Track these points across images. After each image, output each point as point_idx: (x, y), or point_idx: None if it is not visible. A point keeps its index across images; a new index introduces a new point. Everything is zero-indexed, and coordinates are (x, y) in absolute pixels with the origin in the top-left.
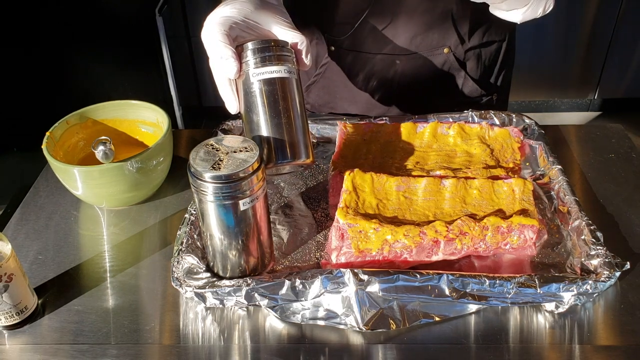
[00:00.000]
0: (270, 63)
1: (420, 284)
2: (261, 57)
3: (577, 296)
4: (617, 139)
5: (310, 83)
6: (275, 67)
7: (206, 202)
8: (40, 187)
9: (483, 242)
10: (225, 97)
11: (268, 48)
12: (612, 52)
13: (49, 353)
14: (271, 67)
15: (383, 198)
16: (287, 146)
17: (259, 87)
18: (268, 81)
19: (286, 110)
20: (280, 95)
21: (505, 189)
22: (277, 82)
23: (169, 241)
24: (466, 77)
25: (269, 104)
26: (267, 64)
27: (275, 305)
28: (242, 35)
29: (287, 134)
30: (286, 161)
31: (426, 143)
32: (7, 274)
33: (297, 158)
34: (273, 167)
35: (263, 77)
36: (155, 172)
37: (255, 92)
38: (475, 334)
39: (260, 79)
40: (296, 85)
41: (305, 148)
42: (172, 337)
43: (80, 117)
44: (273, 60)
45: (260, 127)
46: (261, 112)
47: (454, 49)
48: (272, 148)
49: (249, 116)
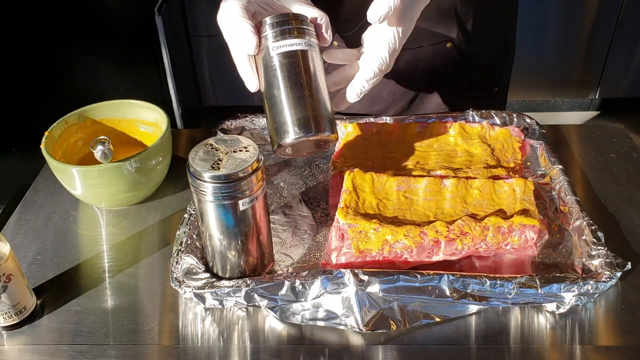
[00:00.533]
0: (291, 36)
1: (420, 285)
2: (281, 30)
3: (578, 296)
4: (618, 138)
5: None
6: (296, 39)
7: (205, 202)
8: (39, 187)
9: (484, 243)
10: (244, 75)
11: (287, 21)
12: (613, 51)
13: (47, 354)
14: (291, 39)
15: (383, 198)
16: (310, 119)
17: (279, 60)
18: (288, 54)
19: (308, 83)
20: (302, 68)
21: (506, 188)
22: (298, 55)
23: (168, 241)
24: (467, 71)
25: (289, 76)
26: (287, 36)
27: (275, 306)
28: (260, 11)
29: (310, 107)
30: (310, 135)
31: (427, 143)
32: (6, 274)
33: (321, 131)
34: (295, 141)
35: (283, 49)
36: (155, 172)
37: (275, 65)
38: (476, 334)
39: (280, 52)
40: (318, 59)
41: (329, 122)
42: (171, 338)
43: (79, 116)
44: (293, 32)
45: (281, 100)
46: (282, 85)
47: (457, 43)
48: (295, 121)
49: (270, 91)
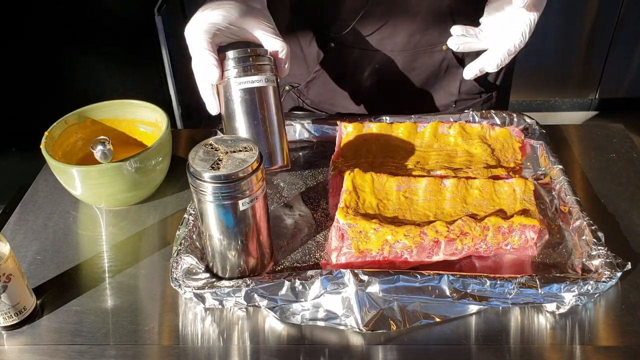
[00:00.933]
0: (251, 73)
1: (420, 285)
2: (242, 67)
3: (578, 297)
4: (618, 138)
5: (310, 79)
6: (255, 77)
7: (205, 202)
8: (39, 187)
9: (484, 243)
10: (206, 100)
11: (248, 58)
12: (613, 51)
13: (47, 354)
14: (251, 77)
15: (383, 198)
16: (266, 153)
17: (240, 95)
18: (248, 90)
19: (264, 118)
20: (259, 104)
21: (506, 189)
22: (256, 92)
23: (168, 241)
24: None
25: (248, 112)
26: (247, 73)
27: (275, 306)
28: (226, 40)
29: (265, 141)
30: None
31: (427, 143)
32: (6, 274)
33: (273, 164)
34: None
35: (244, 86)
36: (154, 172)
37: (236, 100)
38: (476, 334)
39: (241, 88)
40: (274, 93)
41: (281, 154)
42: (171, 338)
43: (79, 116)
44: (253, 70)
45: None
46: (242, 119)
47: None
48: None
49: (231, 123)
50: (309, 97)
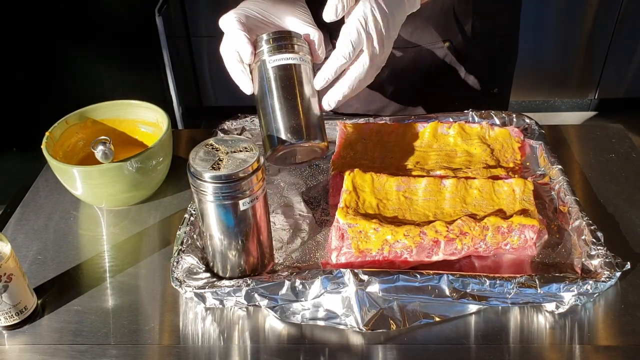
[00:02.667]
0: (285, 51)
1: (420, 284)
2: (276, 45)
3: (578, 296)
4: (618, 138)
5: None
6: (290, 54)
7: (206, 202)
8: (40, 187)
9: (483, 242)
10: (238, 80)
11: (283, 37)
12: (612, 51)
13: (48, 353)
14: (286, 54)
15: (383, 198)
16: (302, 127)
17: (274, 72)
18: (283, 67)
19: (301, 94)
20: (296, 80)
21: (505, 189)
22: (292, 68)
23: (169, 241)
24: (466, 72)
25: (284, 87)
26: (282, 51)
27: (275, 306)
28: (259, 26)
29: (303, 115)
30: (301, 141)
31: (426, 143)
32: (7, 274)
33: (312, 139)
34: (287, 148)
35: (278, 63)
36: (155, 172)
37: (270, 78)
38: (475, 334)
39: (275, 65)
40: (310, 73)
41: (320, 131)
42: (171, 338)
43: (79, 117)
44: (288, 48)
45: (275, 110)
46: (276, 95)
47: (454, 43)
48: (288, 129)
49: (264, 101)
50: None
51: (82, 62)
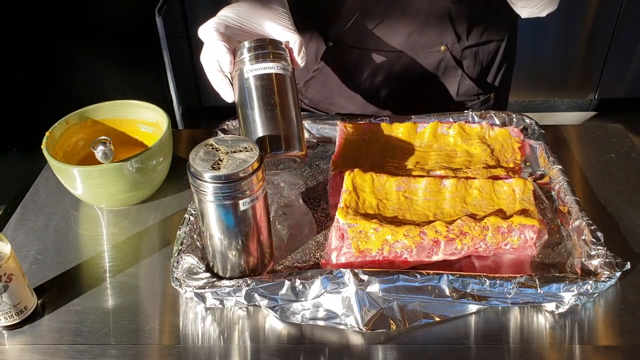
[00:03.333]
0: (265, 60)
1: (420, 284)
2: (255, 54)
3: (578, 296)
4: (618, 138)
5: (309, 78)
6: (270, 63)
7: (206, 202)
8: (40, 187)
9: (483, 242)
10: (219, 89)
11: (262, 46)
12: (612, 51)
13: (48, 353)
14: (265, 63)
15: (383, 198)
16: (281, 137)
17: (254, 82)
18: (262, 76)
19: (280, 104)
20: (275, 90)
21: (505, 189)
22: (272, 78)
23: (169, 241)
24: (463, 76)
25: (263, 97)
26: (260, 60)
27: (275, 306)
28: (238, 34)
29: (281, 126)
30: (280, 152)
31: (426, 143)
32: (7, 274)
33: (290, 149)
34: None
35: (257, 72)
36: (155, 172)
37: (250, 87)
38: (475, 334)
39: (255, 75)
40: (290, 82)
41: (298, 141)
42: (171, 338)
43: (79, 117)
44: (267, 57)
45: (254, 120)
46: (256, 105)
47: (450, 47)
48: (266, 139)
49: (244, 111)
50: (307, 96)
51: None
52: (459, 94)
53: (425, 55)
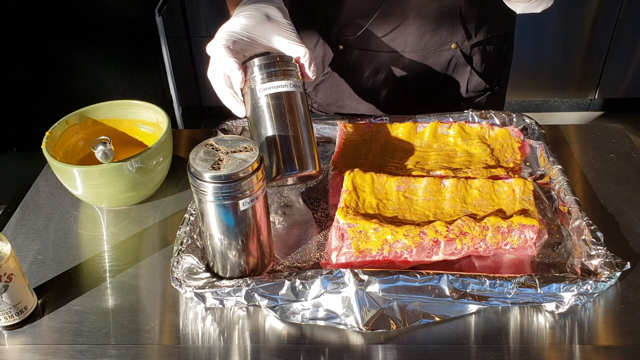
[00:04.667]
0: (277, 78)
1: (420, 284)
2: (267, 73)
3: (578, 296)
4: (618, 139)
5: (319, 82)
6: (282, 81)
7: (206, 202)
8: (40, 187)
9: (483, 242)
10: (230, 105)
11: (274, 64)
12: (613, 51)
13: (48, 353)
14: (277, 82)
15: (383, 198)
16: (294, 158)
17: (266, 101)
18: (275, 95)
19: (293, 123)
20: (287, 109)
21: (505, 188)
22: (284, 96)
23: (169, 241)
24: (472, 72)
25: (276, 117)
26: (273, 79)
27: (275, 306)
28: (246, 48)
29: (295, 146)
30: (294, 172)
31: (426, 143)
32: (7, 274)
33: (304, 169)
34: (281, 178)
35: (270, 91)
36: (155, 172)
37: (263, 106)
38: (475, 334)
39: (268, 94)
40: (302, 98)
41: (312, 159)
42: (171, 338)
43: (80, 117)
44: (279, 75)
45: (268, 140)
46: (269, 125)
47: (460, 45)
48: (281, 160)
49: (258, 130)
50: (317, 100)
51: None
52: (469, 91)
53: (436, 54)
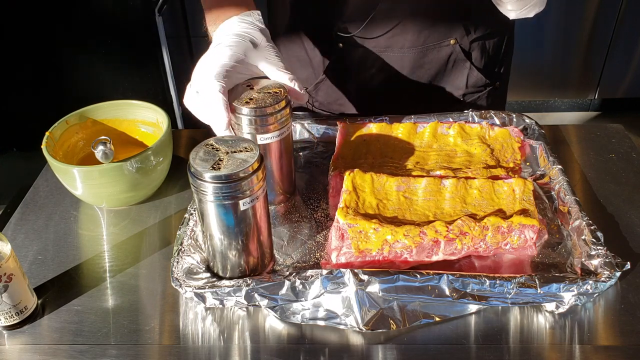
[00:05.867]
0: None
1: (420, 284)
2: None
3: (578, 296)
4: (618, 138)
5: (319, 81)
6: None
7: (206, 202)
8: (40, 187)
9: (483, 242)
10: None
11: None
12: (613, 51)
13: (48, 353)
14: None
15: (383, 198)
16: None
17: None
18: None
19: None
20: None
21: (505, 188)
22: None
23: (169, 241)
24: (471, 68)
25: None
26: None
27: (275, 306)
28: (236, 77)
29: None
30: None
31: (426, 143)
32: (7, 274)
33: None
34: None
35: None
36: (155, 172)
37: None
38: (475, 334)
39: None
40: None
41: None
42: (171, 338)
43: (80, 117)
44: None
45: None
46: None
47: (460, 40)
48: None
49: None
50: (318, 99)
51: (82, 62)
52: (468, 86)
53: (435, 50)
